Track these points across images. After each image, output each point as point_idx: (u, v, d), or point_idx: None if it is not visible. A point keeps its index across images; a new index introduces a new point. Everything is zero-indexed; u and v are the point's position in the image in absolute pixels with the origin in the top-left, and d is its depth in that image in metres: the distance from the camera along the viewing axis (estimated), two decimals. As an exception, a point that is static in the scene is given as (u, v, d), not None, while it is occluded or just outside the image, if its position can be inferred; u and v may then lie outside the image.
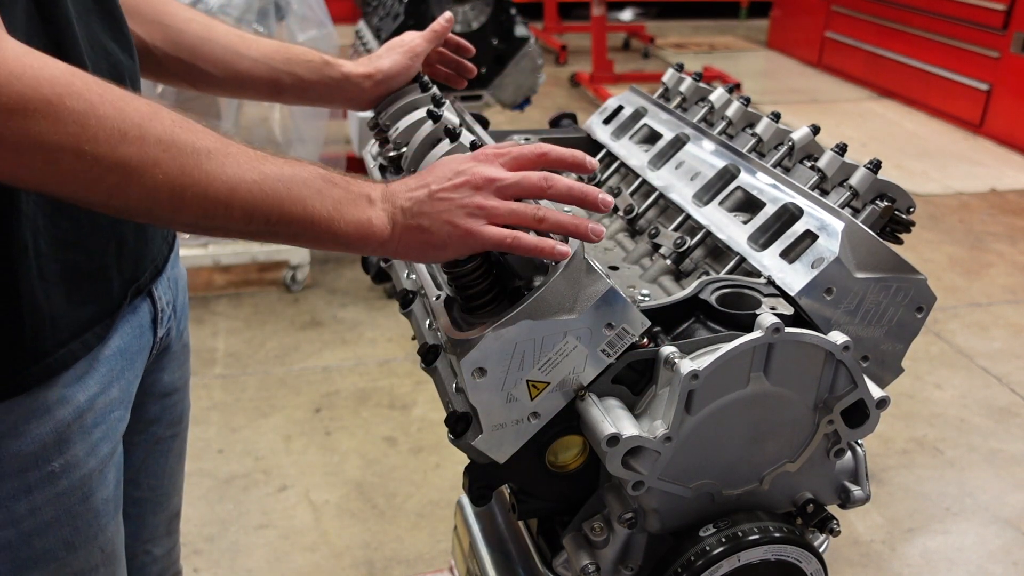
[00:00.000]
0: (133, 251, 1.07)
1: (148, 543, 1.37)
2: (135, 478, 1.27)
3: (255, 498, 2.66)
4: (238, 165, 0.84)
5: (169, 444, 1.33)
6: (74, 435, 1.00)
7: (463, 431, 0.95)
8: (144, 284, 1.11)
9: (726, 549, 0.99)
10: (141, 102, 0.81)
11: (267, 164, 0.87)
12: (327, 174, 0.91)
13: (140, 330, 1.12)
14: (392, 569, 2.42)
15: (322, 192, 0.89)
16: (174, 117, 0.83)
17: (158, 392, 1.27)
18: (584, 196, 0.95)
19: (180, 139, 0.81)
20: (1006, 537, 2.60)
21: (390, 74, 1.32)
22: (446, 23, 1.35)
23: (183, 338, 1.31)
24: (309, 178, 0.89)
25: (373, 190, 0.93)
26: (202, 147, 0.82)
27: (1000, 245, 4.58)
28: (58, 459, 0.99)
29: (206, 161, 0.82)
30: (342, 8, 5.69)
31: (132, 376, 1.11)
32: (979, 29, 6.23)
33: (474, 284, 0.96)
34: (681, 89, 1.55)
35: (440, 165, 0.95)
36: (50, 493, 0.99)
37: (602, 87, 6.84)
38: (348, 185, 0.91)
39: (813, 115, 6.48)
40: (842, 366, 1.00)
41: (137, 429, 1.23)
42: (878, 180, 1.21)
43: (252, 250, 3.79)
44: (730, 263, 1.18)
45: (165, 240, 1.19)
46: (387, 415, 3.06)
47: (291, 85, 1.30)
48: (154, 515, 1.36)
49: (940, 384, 3.36)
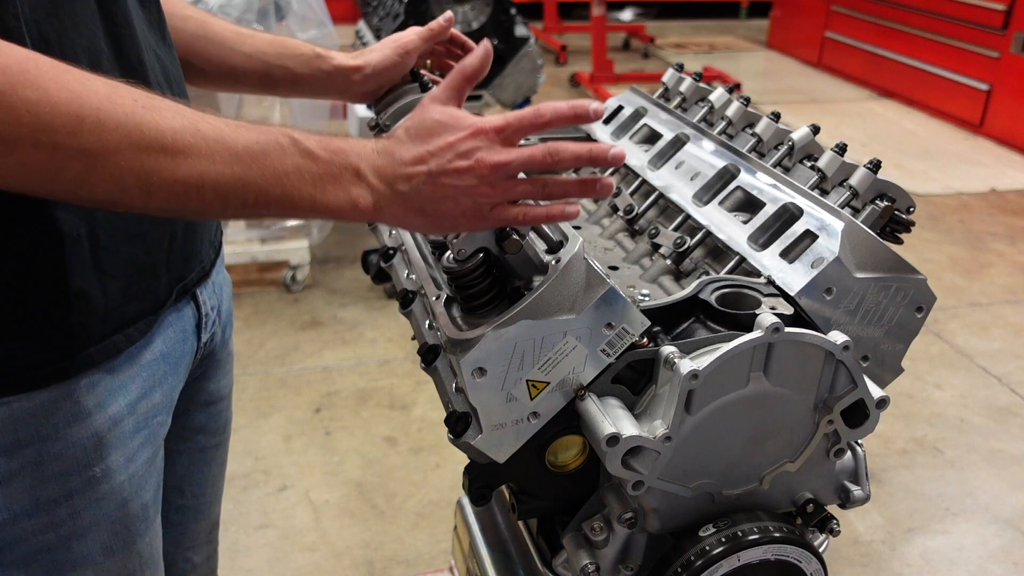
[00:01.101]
0: (182, 248, 1.07)
1: (189, 550, 1.37)
2: (179, 486, 1.27)
3: (255, 498, 2.66)
4: (207, 146, 0.81)
5: (213, 453, 1.33)
6: (115, 440, 0.99)
7: (463, 431, 0.95)
8: (191, 284, 1.11)
9: (726, 549, 0.99)
10: (99, 83, 0.77)
11: (239, 138, 0.83)
12: (307, 147, 0.86)
13: (184, 335, 1.11)
14: (392, 569, 2.42)
15: (301, 169, 0.85)
16: (136, 95, 0.79)
17: (203, 401, 1.26)
18: (592, 155, 0.92)
19: (143, 121, 0.77)
20: (1006, 537, 2.60)
21: (378, 68, 1.32)
22: (445, 23, 1.35)
23: (228, 346, 1.30)
24: (286, 154, 0.84)
25: (361, 161, 0.88)
26: (167, 128, 0.78)
27: (1000, 245, 4.58)
28: (99, 464, 0.98)
29: (171, 144, 0.79)
30: (342, 8, 5.70)
31: (175, 381, 1.10)
32: (979, 29, 6.23)
33: (474, 284, 0.96)
34: (681, 89, 1.55)
35: (435, 132, 0.89)
36: (90, 498, 0.99)
37: (602, 87, 6.84)
38: (332, 158, 0.87)
39: (813, 115, 6.48)
40: (842, 366, 1.00)
41: (182, 437, 1.23)
42: (878, 180, 1.21)
43: (252, 250, 3.79)
44: (730, 263, 1.18)
45: (212, 244, 1.18)
46: (387, 415, 3.06)
47: (283, 78, 1.30)
48: (196, 523, 1.36)
49: (940, 384, 3.36)
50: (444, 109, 0.91)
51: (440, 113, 0.90)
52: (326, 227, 4.03)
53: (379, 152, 0.89)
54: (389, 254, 1.32)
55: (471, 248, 0.95)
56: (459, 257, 0.95)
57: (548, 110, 0.90)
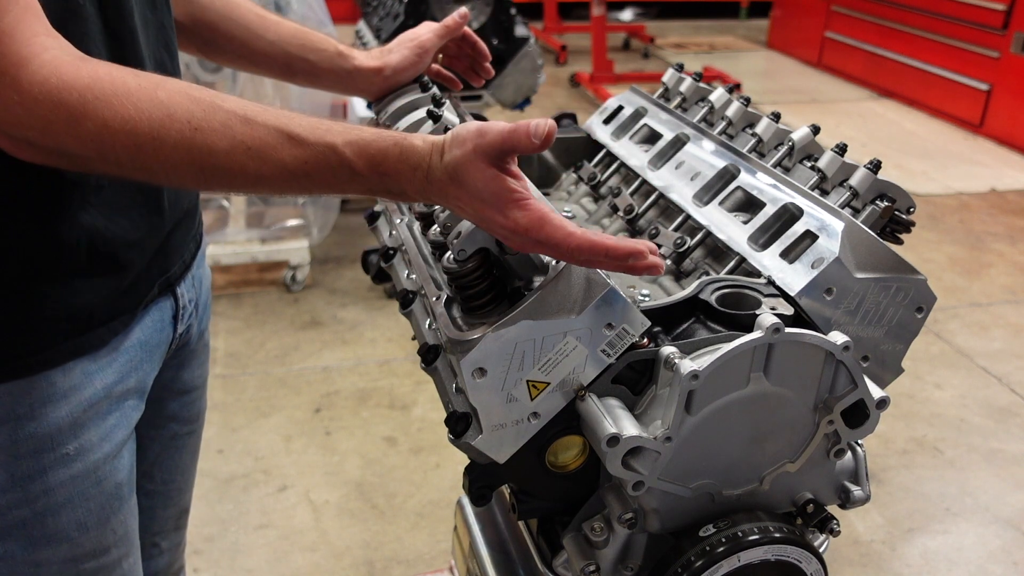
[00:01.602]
0: (166, 246, 1.11)
1: (157, 536, 1.40)
2: (149, 471, 1.30)
3: (255, 498, 2.66)
4: (256, 167, 0.86)
5: (184, 440, 1.36)
6: (89, 421, 1.03)
7: (463, 431, 0.95)
8: (173, 278, 1.15)
9: (726, 549, 0.99)
10: (154, 106, 0.83)
11: (288, 158, 0.87)
12: (356, 169, 0.88)
13: (161, 324, 1.15)
14: (392, 569, 2.42)
15: (346, 186, 0.90)
16: (191, 113, 0.84)
17: (177, 389, 1.29)
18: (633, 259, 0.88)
19: (194, 145, 0.84)
20: (1006, 537, 2.60)
21: (398, 69, 1.34)
22: (460, 19, 1.37)
23: (204, 337, 1.34)
24: (335, 174, 0.88)
25: (410, 186, 0.89)
26: (220, 151, 0.85)
27: (1000, 245, 4.58)
28: (72, 442, 1.02)
29: (225, 165, 0.86)
30: (342, 8, 5.69)
31: (150, 368, 1.13)
32: (979, 29, 6.23)
33: (474, 284, 0.96)
34: (681, 89, 1.55)
35: (487, 201, 0.87)
36: (64, 475, 1.02)
37: (602, 87, 6.84)
38: (381, 182, 0.89)
39: (813, 115, 6.48)
40: (842, 366, 1.00)
41: (155, 424, 1.26)
42: (878, 180, 1.21)
43: (252, 250, 3.79)
44: (730, 263, 1.18)
45: (194, 239, 1.22)
46: (387, 415, 3.06)
47: (303, 71, 1.33)
48: (164, 509, 1.39)
49: (940, 384, 3.36)
50: (489, 181, 0.87)
51: (483, 184, 0.87)
52: (326, 227, 4.03)
53: (428, 181, 0.89)
54: (389, 254, 1.32)
55: (471, 248, 0.95)
56: (459, 257, 0.95)
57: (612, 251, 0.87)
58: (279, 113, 0.88)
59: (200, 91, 0.86)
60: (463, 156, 0.86)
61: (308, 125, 0.88)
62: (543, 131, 0.85)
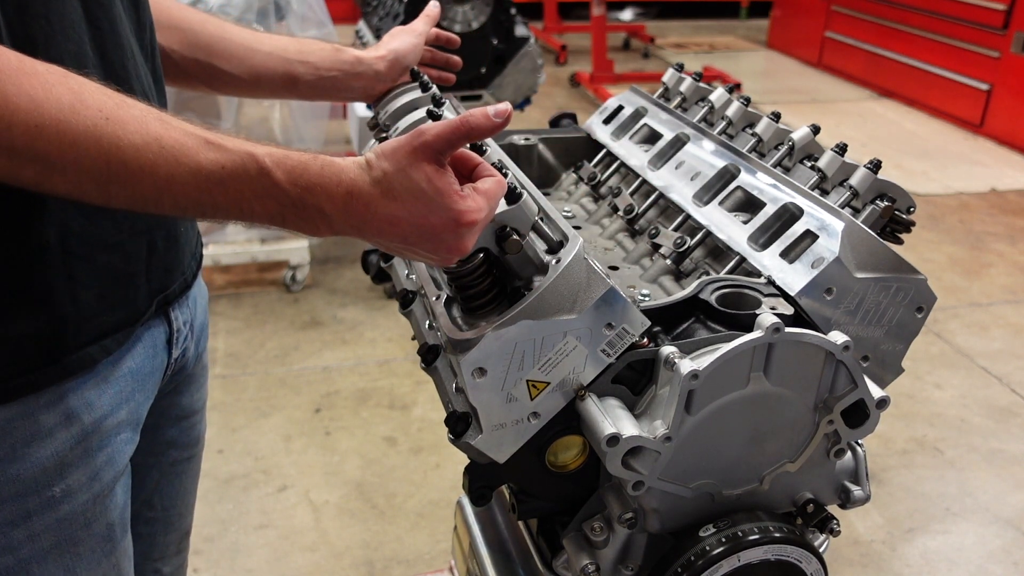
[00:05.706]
0: (163, 259, 1.04)
1: (158, 562, 1.34)
2: (149, 499, 1.25)
3: (255, 498, 2.66)
4: (168, 167, 0.78)
5: (185, 466, 1.30)
6: (77, 459, 0.95)
7: (463, 431, 0.95)
8: (172, 296, 1.08)
9: (726, 549, 0.99)
10: (64, 90, 0.75)
11: (204, 160, 0.79)
12: (276, 179, 0.82)
13: (154, 350, 1.07)
14: (392, 569, 2.42)
15: (265, 199, 0.82)
16: (103, 104, 0.76)
17: (175, 415, 1.23)
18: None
19: (103, 135, 0.76)
20: (1006, 537, 2.60)
21: (400, 52, 1.34)
22: (434, 9, 1.39)
23: (202, 359, 1.26)
24: (252, 182, 0.81)
25: (331, 205, 0.83)
26: (127, 145, 0.76)
27: (1000, 245, 4.58)
28: (59, 484, 0.94)
29: (132, 161, 0.77)
30: (342, 8, 5.70)
31: (143, 398, 1.06)
32: (979, 29, 6.23)
33: (474, 284, 0.96)
34: (681, 89, 1.55)
35: (418, 199, 0.84)
36: (50, 519, 0.95)
37: (602, 87, 6.84)
38: (302, 196, 0.83)
39: (813, 115, 6.48)
40: (842, 366, 1.00)
41: (153, 451, 1.20)
42: (878, 180, 1.21)
43: (252, 250, 3.79)
44: (730, 263, 1.18)
45: (194, 257, 1.16)
46: (387, 415, 3.06)
47: (306, 74, 1.30)
48: (165, 535, 1.33)
49: (940, 384, 3.36)
50: (433, 178, 0.84)
51: (427, 183, 0.84)
52: (326, 227, 4.02)
53: (352, 196, 0.84)
54: (389, 254, 1.32)
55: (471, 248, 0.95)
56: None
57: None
58: (198, 123, 0.83)
59: (113, 91, 0.79)
60: (396, 165, 0.83)
61: (227, 134, 0.83)
62: (504, 110, 0.85)
